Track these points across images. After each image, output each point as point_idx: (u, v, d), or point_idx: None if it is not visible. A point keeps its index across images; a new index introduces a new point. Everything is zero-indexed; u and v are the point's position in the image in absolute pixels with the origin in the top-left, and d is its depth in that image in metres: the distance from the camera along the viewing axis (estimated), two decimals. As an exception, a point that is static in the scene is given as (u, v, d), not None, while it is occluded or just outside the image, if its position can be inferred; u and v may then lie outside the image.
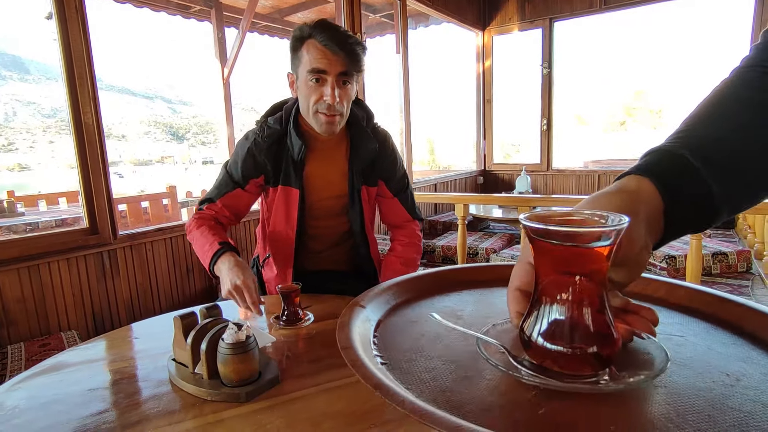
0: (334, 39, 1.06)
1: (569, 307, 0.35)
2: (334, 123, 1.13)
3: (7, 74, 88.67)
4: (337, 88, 1.09)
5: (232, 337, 0.84)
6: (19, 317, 1.74)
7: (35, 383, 0.89)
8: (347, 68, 1.08)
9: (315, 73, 1.08)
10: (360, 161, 1.22)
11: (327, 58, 1.07)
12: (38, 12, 2.81)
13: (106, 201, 1.95)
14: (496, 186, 5.37)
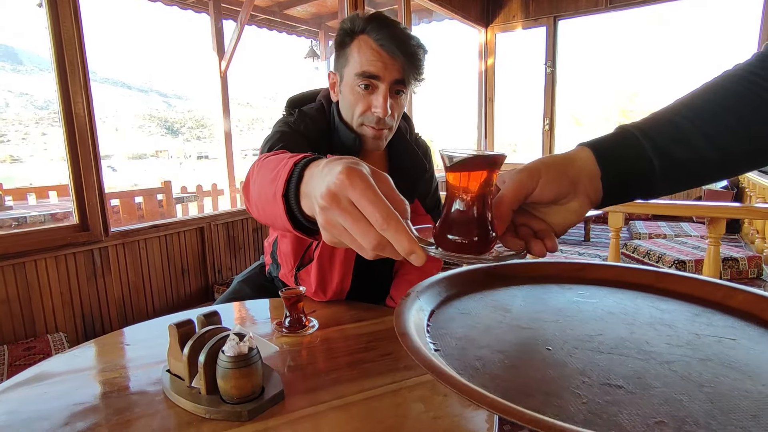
0: (393, 39, 0.88)
1: (463, 211, 0.47)
2: (381, 138, 0.96)
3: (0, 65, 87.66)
4: (389, 98, 0.92)
5: (234, 349, 0.75)
6: (2, 318, 1.65)
7: (16, 396, 0.80)
8: (405, 76, 0.91)
9: (366, 77, 0.90)
10: (403, 178, 1.01)
11: (382, 61, 0.89)
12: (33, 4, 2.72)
13: (97, 196, 1.85)
14: (497, 186, 5.32)
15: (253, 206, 0.65)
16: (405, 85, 0.93)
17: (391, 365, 0.89)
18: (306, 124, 0.97)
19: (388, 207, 0.39)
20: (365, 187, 0.39)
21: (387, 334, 1.02)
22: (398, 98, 0.94)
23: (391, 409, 0.75)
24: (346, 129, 0.97)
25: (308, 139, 0.95)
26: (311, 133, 0.95)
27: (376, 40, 0.88)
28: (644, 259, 2.74)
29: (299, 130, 0.95)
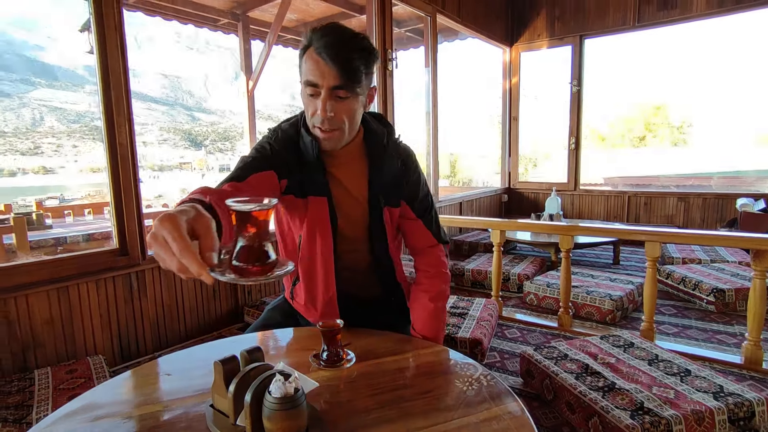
0: (329, 48, 0.93)
1: (243, 245, 0.62)
2: (330, 139, 1.01)
3: (37, 80, 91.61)
4: (330, 101, 0.96)
5: (280, 390, 0.76)
6: (47, 340, 1.70)
7: (66, 428, 0.82)
8: (341, 82, 0.94)
9: (309, 86, 0.97)
10: (381, 181, 1.09)
11: (320, 70, 0.94)
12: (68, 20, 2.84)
13: (136, 223, 1.90)
14: (521, 204, 5.26)
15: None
16: (345, 89, 0.96)
17: (433, 404, 0.89)
18: (277, 137, 1.07)
19: (184, 241, 0.57)
20: (172, 228, 0.58)
21: (425, 369, 1.01)
22: (342, 102, 0.98)
23: None
24: (307, 134, 1.05)
25: (277, 151, 1.05)
26: (280, 144, 1.06)
27: (315, 51, 0.95)
28: (679, 286, 2.67)
29: (271, 145, 1.06)
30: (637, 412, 1.24)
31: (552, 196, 3.69)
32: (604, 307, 2.29)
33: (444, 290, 1.16)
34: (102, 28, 1.79)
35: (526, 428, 0.82)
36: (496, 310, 2.19)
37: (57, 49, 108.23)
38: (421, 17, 3.75)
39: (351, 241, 1.13)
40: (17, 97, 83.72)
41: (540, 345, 1.73)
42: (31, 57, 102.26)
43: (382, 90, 3.21)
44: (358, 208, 1.10)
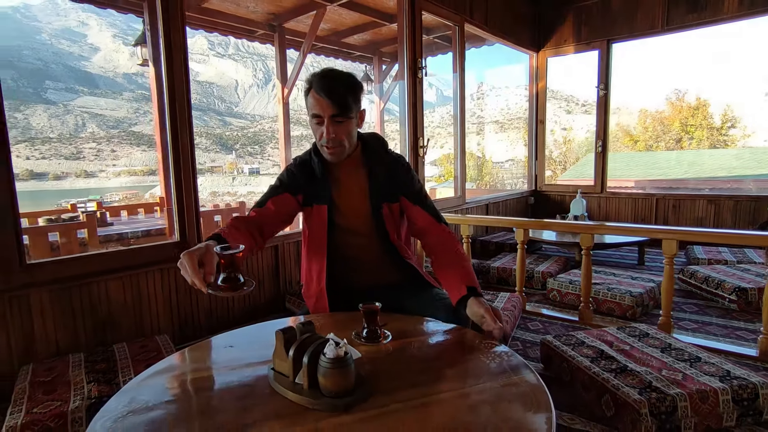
0: (324, 89, 1.26)
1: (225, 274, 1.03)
2: (334, 153, 1.34)
3: (80, 89, 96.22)
4: (332, 126, 1.29)
5: (333, 352, 0.94)
6: (122, 319, 1.96)
7: (156, 382, 1.03)
8: (337, 111, 1.27)
9: (314, 117, 1.31)
10: (378, 182, 1.40)
11: (320, 105, 1.28)
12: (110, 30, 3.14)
13: (194, 218, 2.15)
14: (547, 207, 5.32)
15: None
16: (342, 116, 1.29)
17: (459, 373, 1.05)
18: (296, 163, 1.46)
19: (194, 268, 1.01)
20: (188, 260, 1.02)
21: (452, 346, 1.18)
22: (340, 125, 1.30)
23: (463, 409, 0.91)
24: (315, 156, 1.41)
25: (294, 174, 1.43)
26: (298, 167, 1.44)
27: (315, 91, 1.28)
28: (702, 285, 2.73)
29: (290, 170, 1.45)
30: (645, 389, 1.37)
31: (577, 198, 3.78)
32: (624, 303, 2.39)
33: (462, 252, 1.38)
34: (169, 49, 2.03)
35: (542, 393, 0.97)
36: (520, 303, 2.33)
37: (98, 59, 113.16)
38: (449, 25, 3.92)
39: (359, 235, 1.42)
40: (62, 104, 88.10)
41: (559, 334, 1.86)
42: (75, 67, 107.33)
43: (411, 96, 3.39)
44: (362, 206, 1.40)
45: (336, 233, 1.40)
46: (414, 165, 3.43)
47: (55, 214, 3.09)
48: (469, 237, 2.66)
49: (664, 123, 28.20)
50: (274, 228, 1.39)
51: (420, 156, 3.45)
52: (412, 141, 3.41)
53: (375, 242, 1.42)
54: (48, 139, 77.99)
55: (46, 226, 2.55)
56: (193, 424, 0.87)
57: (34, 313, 1.71)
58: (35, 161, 72.17)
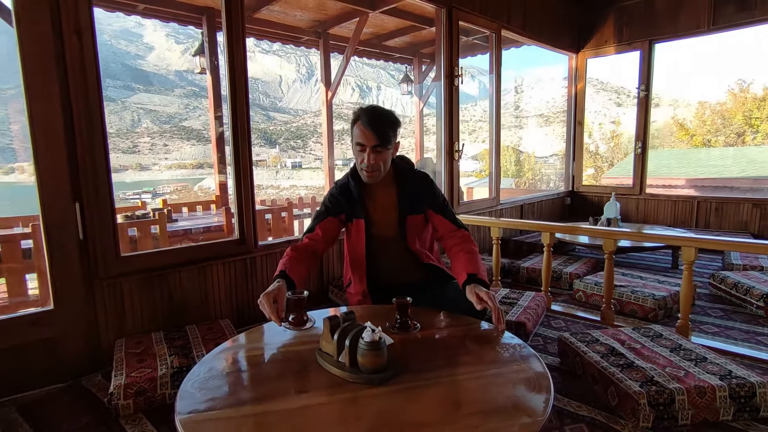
0: (370, 123, 1.54)
1: (294, 316, 1.43)
2: (372, 177, 1.61)
3: (136, 86, 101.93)
4: (372, 154, 1.56)
5: (370, 337, 1.18)
6: (192, 305, 2.30)
7: (229, 356, 1.32)
8: (378, 143, 1.55)
9: (358, 145, 1.58)
10: (406, 197, 1.68)
11: (365, 136, 1.55)
12: (163, 31, 3.43)
13: (251, 220, 2.46)
14: (584, 208, 5.35)
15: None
16: (382, 147, 1.56)
17: (476, 359, 1.27)
18: (337, 186, 1.75)
19: (271, 306, 1.32)
20: (265, 299, 1.33)
21: (473, 338, 1.39)
22: (380, 154, 1.58)
23: (475, 388, 1.13)
24: (352, 180, 1.69)
25: (336, 197, 1.71)
26: (338, 190, 1.72)
27: (362, 123, 1.56)
28: (731, 291, 2.78)
29: (332, 194, 1.73)
30: (646, 383, 1.53)
31: (611, 201, 3.84)
32: (646, 305, 2.50)
33: (472, 248, 1.61)
34: (232, 62, 2.32)
35: (545, 379, 1.16)
36: (544, 302, 2.50)
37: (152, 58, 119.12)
38: (487, 29, 4.04)
39: (389, 241, 1.71)
40: (120, 101, 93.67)
41: (574, 332, 2.03)
42: (132, 65, 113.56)
43: (447, 103, 3.57)
44: (392, 218, 1.69)
45: (371, 241, 1.69)
46: (449, 169, 3.62)
47: (131, 211, 3.53)
48: (498, 239, 2.83)
49: (725, 116, 26.39)
50: (325, 247, 1.72)
51: (455, 160, 3.63)
52: (448, 145, 3.60)
53: (401, 247, 1.71)
54: (109, 134, 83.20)
55: (126, 223, 2.96)
56: (261, 387, 1.14)
57: (125, 297, 2.07)
58: (97, 155, 77.08)
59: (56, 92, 1.80)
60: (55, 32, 1.79)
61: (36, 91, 1.76)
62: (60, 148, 1.83)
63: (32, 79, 1.75)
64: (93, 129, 1.90)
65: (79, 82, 1.85)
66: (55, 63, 1.79)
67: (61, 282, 1.88)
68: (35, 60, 1.75)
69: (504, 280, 3.35)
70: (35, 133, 1.77)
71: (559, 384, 1.81)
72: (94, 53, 1.88)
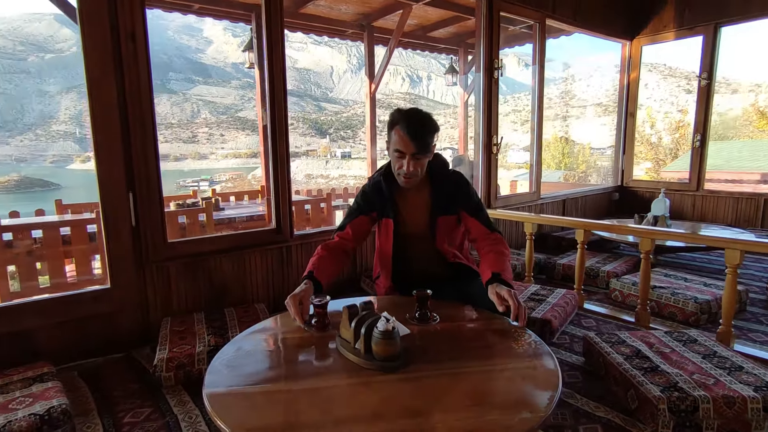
0: (410, 132, 1.53)
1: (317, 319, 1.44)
2: (409, 183, 1.62)
3: (196, 78, 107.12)
4: (412, 161, 1.56)
5: (383, 326, 1.24)
6: (231, 289, 2.46)
7: (257, 337, 1.42)
8: (417, 150, 1.55)
9: (397, 151, 1.57)
10: (439, 199, 1.68)
11: (404, 143, 1.54)
12: (220, 25, 3.61)
13: (288, 210, 2.59)
14: (633, 204, 5.09)
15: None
16: (420, 154, 1.56)
17: (490, 353, 1.29)
18: (370, 184, 1.76)
19: (296, 308, 1.40)
20: (291, 301, 1.41)
21: (491, 332, 1.41)
22: (418, 161, 1.57)
23: (483, 380, 1.16)
24: (384, 182, 1.69)
25: (368, 195, 1.73)
26: (371, 188, 1.73)
27: (401, 129, 1.54)
28: (788, 298, 2.58)
29: (365, 191, 1.75)
30: (668, 388, 1.49)
31: (659, 198, 3.64)
32: (687, 308, 2.39)
33: (502, 249, 1.62)
34: (271, 56, 2.43)
35: (554, 376, 1.17)
36: (575, 300, 2.45)
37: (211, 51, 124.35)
38: (531, 19, 3.92)
39: (418, 240, 1.74)
40: (182, 93, 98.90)
41: (600, 332, 1.98)
42: (192, 59, 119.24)
43: (486, 96, 3.52)
44: (423, 218, 1.71)
45: (399, 239, 1.73)
46: (487, 163, 3.59)
47: (182, 200, 3.79)
48: (532, 234, 2.79)
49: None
50: (356, 245, 1.77)
51: (493, 154, 3.59)
52: (486, 139, 3.56)
53: (429, 245, 1.74)
54: (170, 124, 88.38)
55: (177, 211, 3.20)
56: (282, 367, 1.24)
57: (171, 280, 2.26)
58: (160, 144, 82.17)
59: (113, 91, 1.99)
60: (113, 35, 1.97)
61: (96, 90, 1.95)
62: (116, 144, 2.02)
63: (93, 78, 1.94)
64: (145, 126, 2.07)
65: (133, 82, 2.02)
66: (113, 64, 1.97)
67: (116, 264, 2.08)
68: (96, 60, 1.94)
69: (538, 276, 3.29)
70: (96, 129, 1.97)
71: (579, 383, 1.79)
72: (147, 55, 2.05)
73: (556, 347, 2.12)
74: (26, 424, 1.41)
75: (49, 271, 2.73)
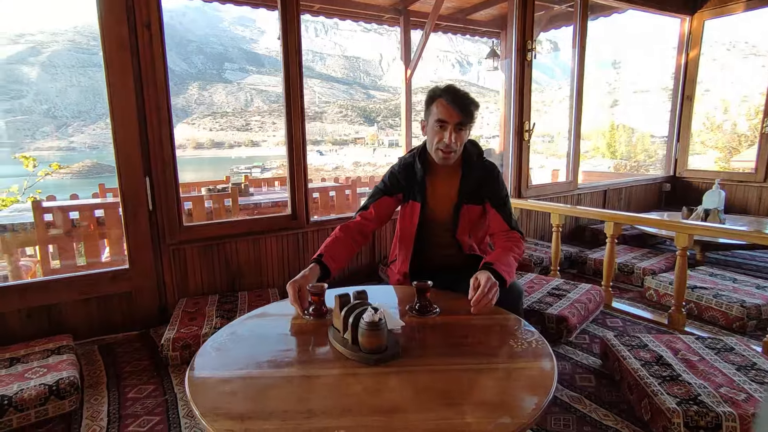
0: (454, 100, 1.49)
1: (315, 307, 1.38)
2: (448, 158, 1.55)
3: (249, 68, 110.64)
4: (454, 132, 1.50)
5: (369, 317, 1.19)
6: (246, 273, 2.50)
7: (253, 323, 1.41)
8: (462, 119, 1.50)
9: (439, 122, 1.51)
10: (468, 186, 1.61)
11: (448, 112, 1.49)
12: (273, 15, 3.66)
13: (304, 196, 2.58)
14: (686, 195, 4.68)
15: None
16: (463, 125, 1.51)
17: (484, 351, 1.20)
18: (400, 164, 1.70)
19: (294, 296, 1.37)
20: (291, 288, 1.37)
21: (491, 328, 1.32)
22: (460, 133, 1.52)
23: (468, 380, 1.08)
24: (419, 163, 1.63)
25: (396, 176, 1.68)
26: (401, 167, 1.68)
27: (444, 100, 1.50)
28: None
29: (393, 172, 1.70)
30: (686, 401, 1.33)
31: (713, 190, 3.32)
32: (731, 313, 2.15)
33: (512, 246, 1.53)
34: (286, 39, 2.40)
35: (548, 380, 1.07)
36: (601, 297, 2.28)
37: (264, 41, 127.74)
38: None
39: (439, 227, 1.66)
40: (236, 83, 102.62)
41: (623, 333, 1.82)
42: (246, 49, 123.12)
43: (519, 78, 3.33)
44: (448, 204, 1.64)
45: (422, 224, 1.66)
46: (517, 149, 3.41)
47: (213, 185, 3.91)
48: (559, 226, 2.62)
49: None
50: (376, 227, 1.72)
51: (525, 140, 3.40)
52: (518, 125, 3.37)
53: (449, 234, 1.67)
54: (225, 113, 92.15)
55: (203, 196, 3.30)
56: (268, 354, 1.21)
57: (187, 262, 2.33)
58: (215, 132, 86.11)
59: (130, 79, 2.04)
60: (129, 25, 2.01)
61: (114, 77, 2.01)
62: (133, 131, 2.08)
63: (112, 68, 2.00)
64: (160, 115, 2.12)
65: (148, 69, 2.07)
66: (130, 54, 2.02)
67: (134, 245, 2.17)
68: (114, 50, 1.99)
69: (569, 270, 3.10)
70: (114, 117, 2.04)
71: (591, 388, 1.66)
72: (162, 44, 2.09)
73: (573, 347, 1.99)
74: (35, 393, 1.50)
75: (85, 250, 2.91)
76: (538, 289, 2.29)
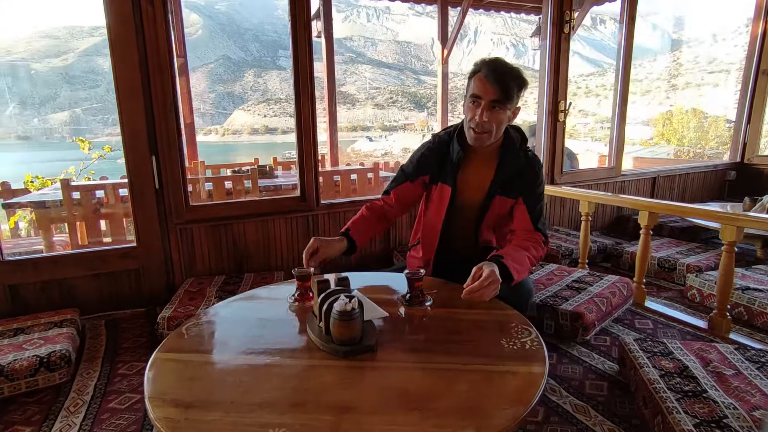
0: (492, 74, 1.31)
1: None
2: (480, 138, 1.38)
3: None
4: (486, 111, 1.33)
5: (341, 306, 1.08)
6: (253, 254, 2.48)
7: (237, 305, 1.36)
8: (498, 97, 1.31)
9: (473, 97, 1.36)
10: (503, 177, 1.44)
11: (484, 88, 1.33)
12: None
13: (314, 178, 2.50)
14: (753, 185, 4.15)
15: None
16: (500, 103, 1.32)
17: (471, 350, 1.06)
18: (435, 141, 1.55)
19: (308, 253, 1.35)
20: (311, 243, 1.36)
21: (485, 325, 1.17)
22: (495, 112, 1.34)
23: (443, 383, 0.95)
24: (457, 143, 1.46)
25: (427, 156, 1.53)
26: (436, 145, 1.53)
27: (483, 75, 1.33)
28: None
29: (424, 153, 1.54)
30: (708, 423, 1.12)
31: (782, 177, 2.88)
32: (788, 320, 1.84)
33: (529, 246, 1.36)
34: (294, 16, 2.31)
35: (533, 388, 0.92)
36: (629, 293, 2.04)
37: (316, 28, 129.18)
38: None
39: (464, 215, 1.50)
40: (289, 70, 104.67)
41: (645, 338, 1.59)
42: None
43: (554, 54, 3.04)
44: (478, 194, 1.47)
45: (449, 210, 1.50)
46: (551, 131, 3.14)
47: (239, 167, 3.93)
48: (588, 214, 2.37)
49: None
50: (397, 214, 1.61)
51: (560, 121, 3.12)
52: (552, 104, 3.10)
53: (472, 224, 1.51)
54: (279, 99, 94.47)
55: (223, 177, 3.32)
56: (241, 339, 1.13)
57: (195, 241, 2.32)
58: (269, 118, 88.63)
59: (135, 55, 2.03)
60: (133, 2, 1.99)
61: (120, 60, 2.01)
62: (138, 109, 2.08)
63: (115, 42, 2.00)
64: (165, 94, 2.10)
65: (152, 46, 2.05)
66: (135, 31, 2.01)
67: (141, 223, 2.19)
68: (117, 25, 1.99)
69: (602, 264, 2.83)
70: (120, 96, 2.04)
71: (602, 397, 1.47)
72: (165, 21, 2.05)
73: (589, 348, 1.78)
74: (27, 364, 1.53)
75: (110, 228, 3.01)
76: (557, 282, 2.07)
